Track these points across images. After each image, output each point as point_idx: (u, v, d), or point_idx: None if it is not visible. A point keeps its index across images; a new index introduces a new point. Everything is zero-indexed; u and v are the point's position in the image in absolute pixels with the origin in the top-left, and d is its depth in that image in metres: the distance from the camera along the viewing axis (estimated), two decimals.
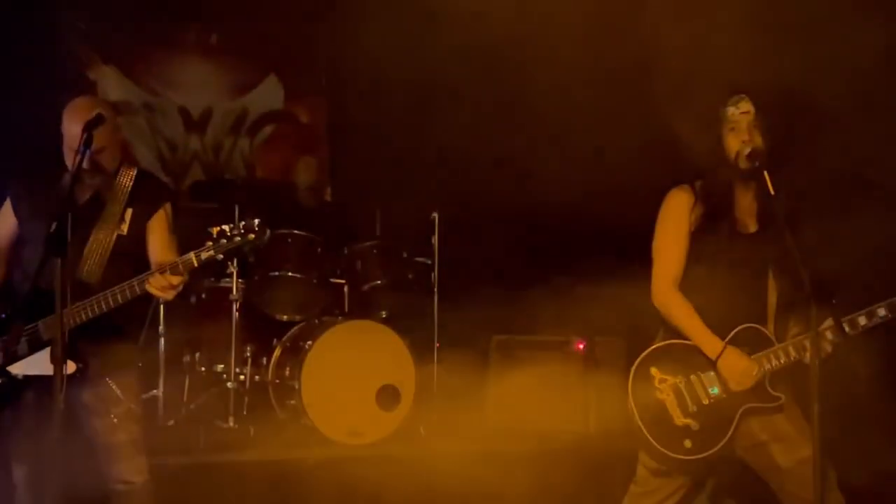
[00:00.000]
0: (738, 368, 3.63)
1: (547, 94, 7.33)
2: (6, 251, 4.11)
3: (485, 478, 5.59)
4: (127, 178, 4.07)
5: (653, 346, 3.76)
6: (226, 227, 3.86)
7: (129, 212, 4.04)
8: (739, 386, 3.63)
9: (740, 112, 3.70)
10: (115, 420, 3.95)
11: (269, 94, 8.53)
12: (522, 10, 6.87)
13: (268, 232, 3.87)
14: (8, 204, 4.10)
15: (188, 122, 8.25)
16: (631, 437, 3.76)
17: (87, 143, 3.74)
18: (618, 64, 6.75)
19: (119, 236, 4.00)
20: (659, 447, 3.66)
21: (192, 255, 3.83)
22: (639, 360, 3.73)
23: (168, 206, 4.16)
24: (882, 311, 3.64)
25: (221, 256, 3.85)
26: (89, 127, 3.76)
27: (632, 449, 5.76)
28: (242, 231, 3.83)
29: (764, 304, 3.75)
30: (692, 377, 3.68)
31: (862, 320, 3.64)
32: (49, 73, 7.56)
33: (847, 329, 3.59)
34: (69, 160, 3.96)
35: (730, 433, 3.65)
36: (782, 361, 3.65)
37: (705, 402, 3.66)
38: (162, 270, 3.82)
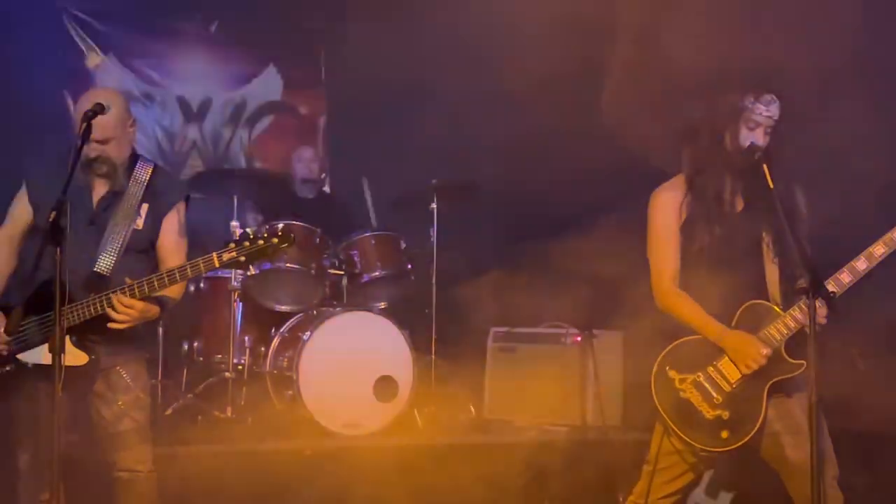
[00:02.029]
0: (745, 350, 3.62)
1: (545, 85, 7.33)
2: (19, 238, 4.12)
3: (481, 469, 5.61)
4: (144, 173, 4.08)
5: (664, 351, 3.73)
6: (249, 230, 3.84)
7: (145, 207, 4.06)
8: (752, 367, 3.61)
9: (767, 114, 3.67)
10: (123, 406, 3.96)
11: (268, 85, 8.52)
12: (514, 7, 6.89)
13: (293, 238, 3.83)
14: (25, 192, 4.10)
15: (187, 112, 8.25)
16: (670, 436, 3.73)
17: (86, 132, 3.76)
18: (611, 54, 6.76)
19: (135, 230, 4.02)
20: (699, 446, 3.65)
21: (213, 255, 3.80)
22: (655, 366, 3.71)
23: (181, 205, 4.17)
24: (862, 264, 3.62)
25: (244, 259, 3.81)
26: (88, 117, 3.77)
27: (628, 440, 5.81)
28: (266, 235, 3.80)
29: (762, 276, 3.74)
30: (709, 369, 3.67)
31: (846, 277, 3.62)
32: (49, 62, 7.58)
33: (835, 291, 3.55)
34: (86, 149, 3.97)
35: (763, 411, 3.63)
36: (793, 328, 3.62)
37: (728, 389, 3.65)
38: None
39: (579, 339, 6.11)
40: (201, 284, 6.51)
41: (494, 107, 8.47)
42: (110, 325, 3.81)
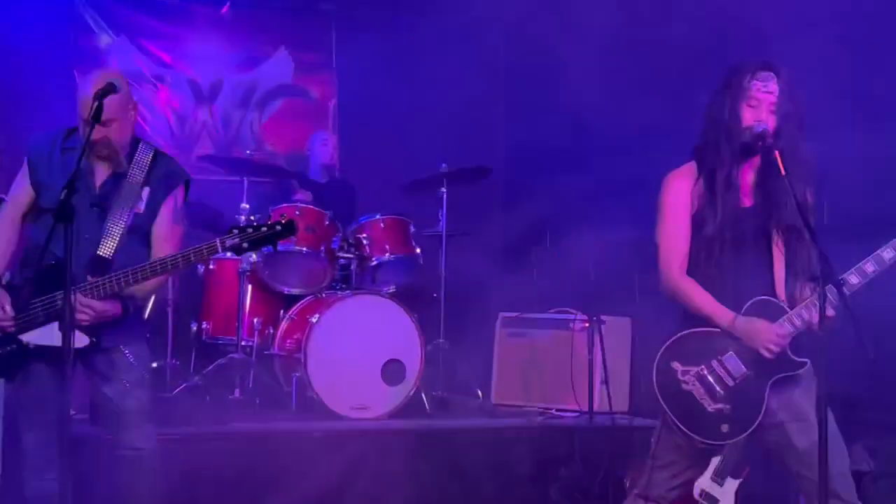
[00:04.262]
0: (763, 333, 3.59)
1: (553, 70, 7.34)
2: (21, 219, 4.10)
3: (489, 453, 5.62)
4: (146, 157, 4.08)
5: (668, 342, 3.71)
6: (253, 217, 3.89)
7: (146, 191, 4.06)
8: (773, 350, 3.57)
9: (765, 90, 3.64)
10: (127, 385, 3.98)
11: (279, 68, 8.51)
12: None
13: (296, 227, 3.90)
14: (27, 172, 4.10)
15: (198, 94, 8.24)
16: (669, 430, 3.73)
17: (97, 113, 3.75)
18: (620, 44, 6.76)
19: (136, 214, 4.02)
20: (698, 438, 3.64)
21: (217, 241, 3.85)
22: (658, 357, 3.69)
23: (180, 190, 4.17)
24: (870, 267, 3.60)
25: (247, 245, 3.87)
26: (99, 96, 3.76)
27: (636, 426, 5.81)
28: (270, 222, 3.88)
29: (770, 273, 3.71)
30: (713, 363, 3.66)
31: (853, 279, 3.60)
32: (60, 42, 7.58)
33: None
34: (82, 130, 3.97)
35: (763, 408, 3.61)
36: (799, 326, 3.61)
37: (731, 383, 3.64)
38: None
39: (587, 324, 6.10)
40: (211, 265, 6.53)
41: (505, 91, 8.49)
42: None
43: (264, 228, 3.87)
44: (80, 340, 3.84)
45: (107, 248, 3.93)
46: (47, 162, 4.04)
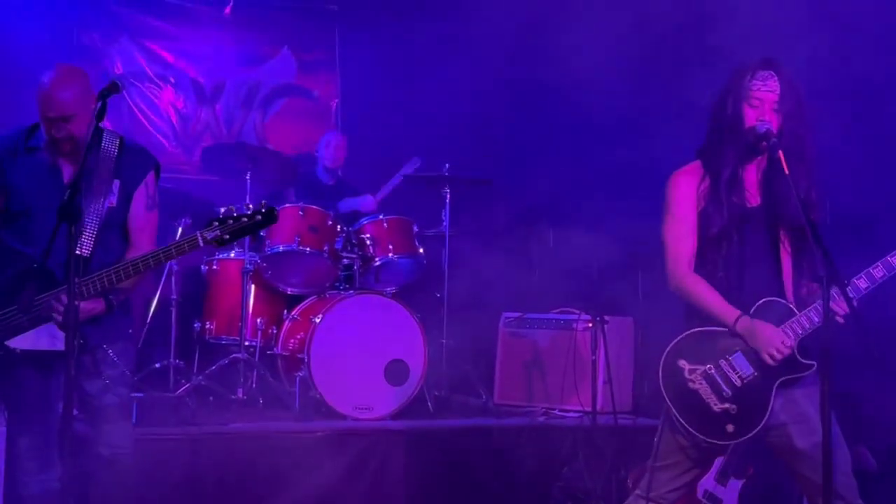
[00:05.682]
0: (768, 338, 3.58)
1: (556, 69, 7.33)
2: None
3: (491, 454, 5.62)
4: (112, 147, 4.01)
5: (675, 340, 3.70)
6: (233, 208, 3.85)
7: (117, 183, 3.99)
8: (775, 357, 3.57)
9: (766, 89, 3.64)
10: (107, 381, 3.94)
11: (281, 68, 8.52)
12: None
13: (276, 215, 3.84)
14: None
15: (200, 94, 8.24)
16: (673, 430, 3.72)
17: (101, 112, 3.68)
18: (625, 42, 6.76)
19: (110, 208, 3.96)
20: (703, 437, 3.63)
21: (197, 234, 3.80)
22: (664, 355, 3.67)
23: (151, 177, 4.11)
24: (879, 272, 3.60)
25: (228, 237, 3.81)
26: (103, 96, 3.69)
27: (639, 426, 5.81)
28: (251, 212, 3.81)
29: (779, 273, 3.71)
30: (721, 362, 3.64)
31: (862, 283, 3.60)
32: (61, 41, 7.57)
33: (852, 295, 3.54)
34: (49, 128, 3.91)
35: (769, 409, 3.60)
36: (807, 328, 3.60)
37: (738, 383, 3.63)
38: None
39: (590, 324, 6.10)
40: (214, 266, 6.53)
41: (507, 91, 8.48)
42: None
43: (244, 218, 3.79)
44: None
45: (84, 247, 3.85)
46: (12, 163, 3.98)
